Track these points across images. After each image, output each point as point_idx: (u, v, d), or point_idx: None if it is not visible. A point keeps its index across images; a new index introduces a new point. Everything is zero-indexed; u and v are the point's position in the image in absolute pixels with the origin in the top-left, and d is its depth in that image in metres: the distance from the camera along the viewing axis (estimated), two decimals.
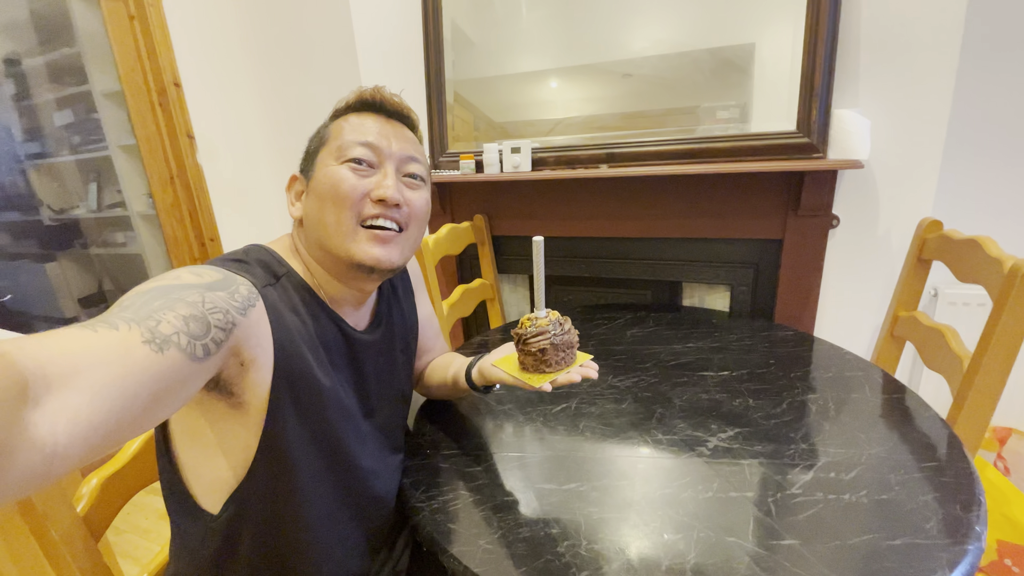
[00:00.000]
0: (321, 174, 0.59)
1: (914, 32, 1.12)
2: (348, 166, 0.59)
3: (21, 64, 1.85)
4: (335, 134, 0.61)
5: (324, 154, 0.60)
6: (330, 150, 0.60)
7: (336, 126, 0.62)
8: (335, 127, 0.62)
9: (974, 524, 0.54)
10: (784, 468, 0.66)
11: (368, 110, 0.63)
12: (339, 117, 0.63)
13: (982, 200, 1.38)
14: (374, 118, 0.62)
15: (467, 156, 1.51)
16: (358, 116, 0.62)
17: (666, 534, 0.56)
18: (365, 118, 0.62)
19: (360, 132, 0.60)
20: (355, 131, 0.60)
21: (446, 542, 0.57)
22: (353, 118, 0.62)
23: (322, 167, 0.60)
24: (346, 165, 0.59)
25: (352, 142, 0.59)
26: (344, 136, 0.60)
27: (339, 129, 0.61)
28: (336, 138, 0.60)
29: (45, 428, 0.28)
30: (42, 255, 2.00)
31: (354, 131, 0.60)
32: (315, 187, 0.60)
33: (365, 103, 0.63)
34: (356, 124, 0.61)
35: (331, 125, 0.62)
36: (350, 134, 0.60)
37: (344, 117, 0.63)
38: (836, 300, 1.33)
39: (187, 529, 0.57)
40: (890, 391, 0.84)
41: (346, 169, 0.58)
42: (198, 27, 1.75)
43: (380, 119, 0.63)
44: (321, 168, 0.60)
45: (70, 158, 2.00)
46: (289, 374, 0.53)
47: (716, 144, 1.29)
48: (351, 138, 0.60)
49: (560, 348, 0.62)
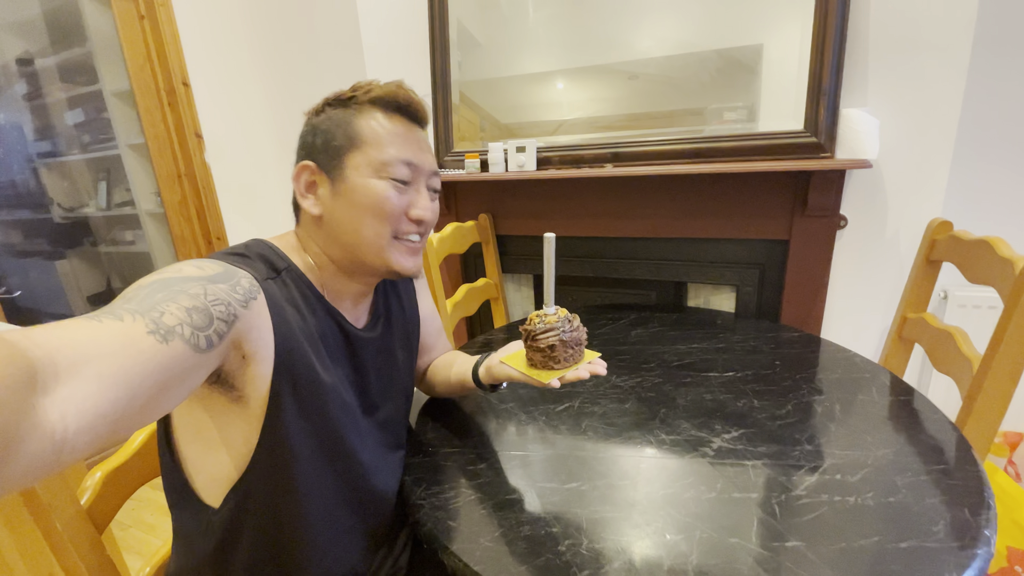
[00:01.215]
0: (359, 183, 0.58)
1: (923, 31, 1.11)
2: (391, 183, 0.59)
3: (33, 64, 1.87)
4: (370, 139, 0.58)
5: (359, 160, 0.58)
6: (368, 159, 0.58)
7: (367, 127, 0.59)
8: (366, 128, 0.59)
9: (983, 528, 0.53)
10: (789, 470, 0.65)
11: (398, 113, 0.61)
12: (362, 110, 0.60)
13: (993, 200, 1.36)
14: (404, 124, 0.61)
15: (472, 155, 1.51)
16: (389, 120, 0.60)
17: (668, 534, 0.56)
18: (397, 124, 0.60)
19: (400, 147, 0.59)
20: (395, 144, 0.59)
21: (447, 539, 0.57)
22: (385, 121, 0.60)
23: (358, 175, 0.58)
24: (389, 182, 0.58)
25: (396, 159, 0.59)
26: (385, 149, 0.58)
27: (374, 134, 0.59)
28: (374, 146, 0.58)
29: (54, 416, 0.29)
30: (52, 252, 2.02)
31: (394, 144, 0.59)
32: (350, 195, 0.58)
33: (399, 107, 0.61)
34: (392, 133, 0.59)
35: (358, 121, 0.59)
36: (391, 147, 0.59)
37: (371, 114, 0.60)
38: (843, 301, 1.32)
39: (188, 523, 0.57)
40: (898, 393, 0.83)
41: (389, 186, 0.58)
42: (207, 28, 1.76)
43: (410, 126, 0.62)
44: (356, 176, 0.58)
45: (80, 157, 2.02)
46: (290, 368, 0.53)
47: (722, 143, 1.28)
48: (394, 154, 0.58)
49: (569, 345, 0.62)
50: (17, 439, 0.27)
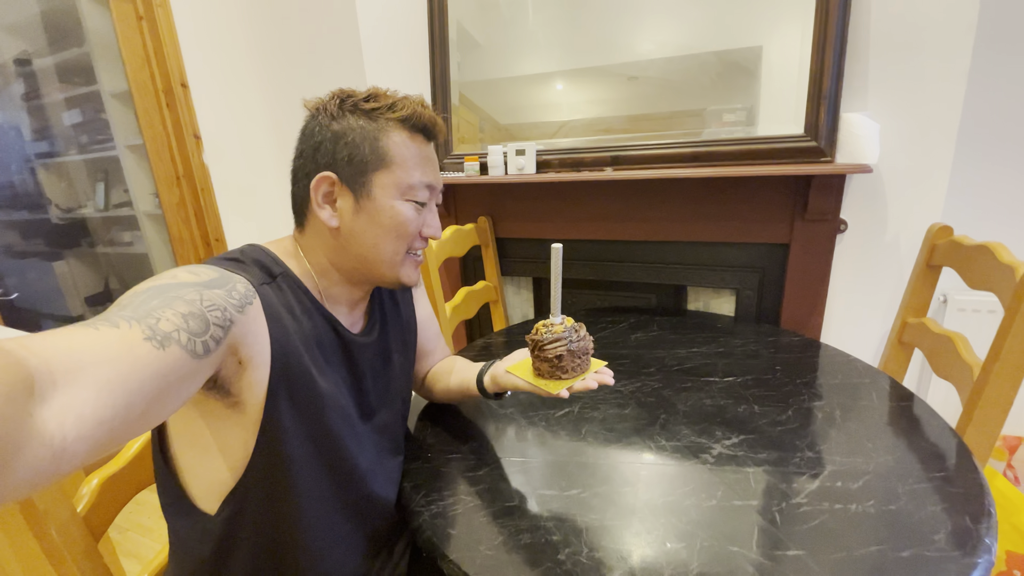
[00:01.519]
0: (385, 204, 0.59)
1: (924, 35, 1.11)
2: (413, 206, 0.61)
3: (31, 64, 1.87)
4: (398, 160, 0.59)
5: (386, 180, 0.59)
6: (395, 180, 0.59)
7: (396, 148, 0.59)
8: (395, 149, 0.59)
9: (984, 536, 0.53)
10: (789, 476, 0.65)
11: (421, 134, 0.62)
12: (388, 127, 0.59)
13: (993, 205, 1.36)
14: (425, 146, 0.63)
15: (472, 158, 1.51)
16: (413, 140, 0.60)
17: (669, 542, 0.55)
18: (420, 145, 0.61)
19: (424, 170, 0.62)
20: (419, 167, 0.61)
21: (446, 547, 0.56)
22: (410, 143, 0.60)
23: (384, 195, 0.59)
24: (411, 204, 0.61)
25: (421, 183, 0.61)
26: (411, 171, 0.60)
27: (402, 156, 0.59)
28: (402, 168, 0.59)
29: (53, 424, 0.28)
30: (50, 253, 2.01)
31: (419, 167, 0.61)
32: (374, 213, 0.59)
33: (425, 128, 0.61)
34: (416, 156, 0.61)
35: (388, 143, 0.58)
36: (416, 171, 0.60)
37: (398, 132, 0.59)
38: (843, 306, 1.32)
39: (184, 530, 0.56)
40: (898, 399, 0.83)
41: (412, 209, 0.61)
42: (205, 28, 1.76)
43: (428, 146, 0.63)
44: (383, 195, 0.59)
45: (78, 157, 2.01)
46: (286, 373, 0.52)
47: (722, 147, 1.28)
48: (419, 178, 0.61)
49: (576, 354, 0.63)
50: (16, 448, 0.26)
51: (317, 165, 0.59)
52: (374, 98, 0.59)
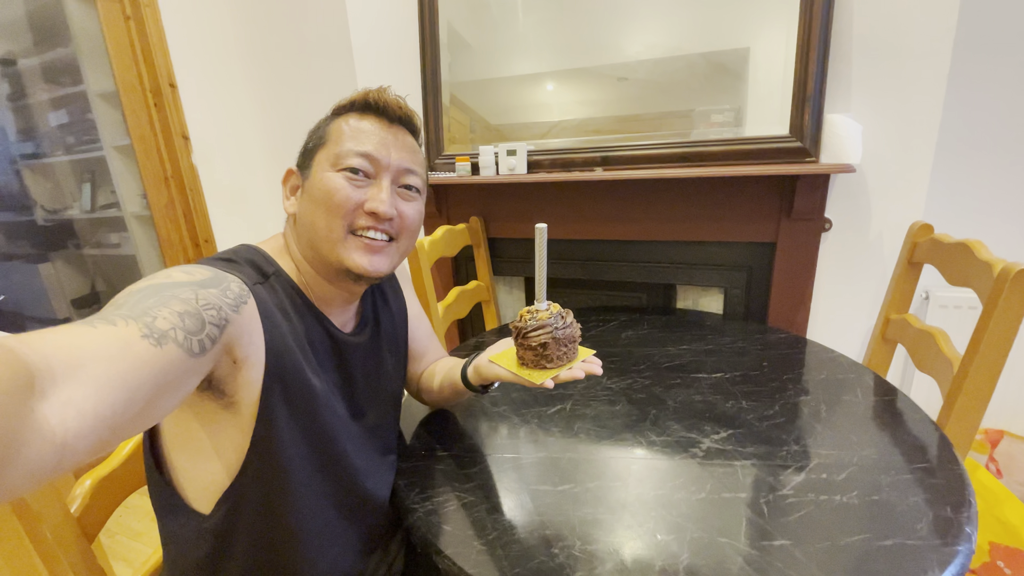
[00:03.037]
0: (317, 178, 0.59)
1: (906, 38, 1.14)
2: (344, 175, 0.58)
3: (16, 64, 1.84)
4: (335, 137, 0.59)
5: (321, 156, 0.59)
6: (328, 154, 0.59)
7: (336, 127, 0.60)
8: (335, 128, 0.60)
9: (964, 525, 0.55)
10: (776, 469, 0.66)
11: (371, 112, 0.61)
12: (340, 115, 0.62)
13: (973, 204, 1.40)
14: (375, 123, 0.61)
15: (463, 158, 1.52)
16: (359, 119, 0.61)
17: (659, 535, 0.57)
18: (366, 122, 0.61)
19: (359, 140, 0.59)
20: (354, 138, 0.59)
21: (440, 543, 0.57)
22: (354, 120, 0.60)
23: (319, 170, 0.59)
24: (342, 174, 0.58)
25: (350, 151, 0.58)
26: (343, 143, 0.59)
27: (339, 132, 0.60)
28: (336, 142, 0.59)
29: (54, 420, 0.29)
30: (35, 255, 1.98)
31: (354, 138, 0.59)
32: (310, 189, 0.59)
33: (368, 105, 0.61)
34: (356, 129, 0.60)
35: (331, 124, 0.61)
36: (349, 141, 0.59)
37: (345, 117, 0.61)
38: (828, 303, 1.35)
39: (178, 531, 0.56)
40: (881, 393, 0.85)
41: (341, 178, 0.58)
42: (194, 28, 1.74)
43: (381, 124, 0.61)
44: (317, 171, 0.59)
45: (64, 158, 1.98)
46: (280, 372, 0.53)
47: (710, 148, 1.30)
48: (350, 146, 0.58)
49: (562, 343, 0.60)
50: (17, 443, 0.27)
51: None
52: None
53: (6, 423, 0.26)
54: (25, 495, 0.47)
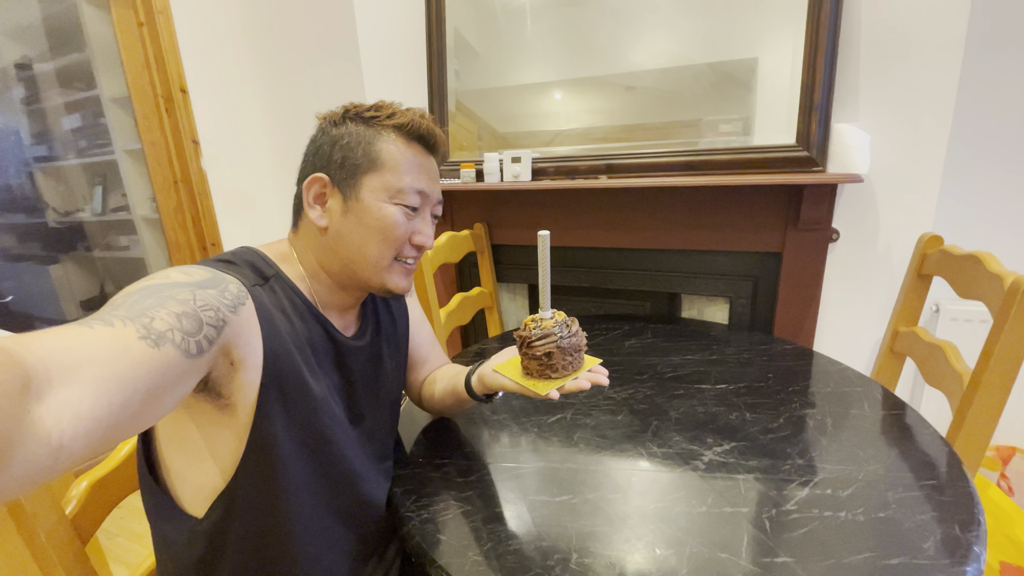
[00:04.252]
0: (372, 205, 0.59)
1: (914, 48, 1.13)
2: (402, 210, 0.60)
3: (32, 68, 1.88)
4: (389, 163, 0.59)
5: (375, 181, 0.59)
6: (384, 182, 0.59)
7: (389, 153, 0.60)
8: (388, 154, 0.59)
9: (973, 544, 0.53)
10: (780, 484, 0.65)
11: (418, 143, 0.62)
12: (384, 132, 0.60)
13: (983, 215, 1.38)
14: (422, 153, 0.62)
15: (468, 165, 1.52)
16: (409, 147, 0.61)
17: (658, 549, 0.55)
18: (416, 152, 0.61)
19: (416, 176, 0.61)
20: (411, 172, 0.60)
21: (435, 553, 0.56)
22: (404, 148, 0.60)
23: (372, 197, 0.59)
24: (400, 208, 0.60)
25: (411, 188, 0.60)
26: (402, 175, 0.60)
27: (393, 160, 0.59)
28: (391, 170, 0.59)
29: (50, 421, 0.28)
30: (46, 257, 2.00)
31: (410, 172, 0.60)
32: (361, 214, 0.59)
33: (421, 137, 0.62)
34: (410, 161, 0.61)
35: (381, 146, 0.59)
36: (407, 175, 0.60)
37: (393, 139, 0.60)
38: (836, 314, 1.33)
39: (170, 534, 0.56)
40: (889, 407, 0.84)
41: (400, 213, 0.60)
42: (205, 35, 1.77)
43: (426, 155, 0.63)
44: (371, 197, 0.59)
45: (76, 161, 2.01)
46: (278, 375, 0.52)
47: (715, 156, 1.30)
48: (409, 182, 0.60)
49: (567, 352, 0.58)
50: (13, 445, 0.26)
51: (313, 167, 0.61)
52: (376, 108, 0.61)
53: (2, 424, 0.26)
54: (19, 496, 0.47)
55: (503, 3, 1.52)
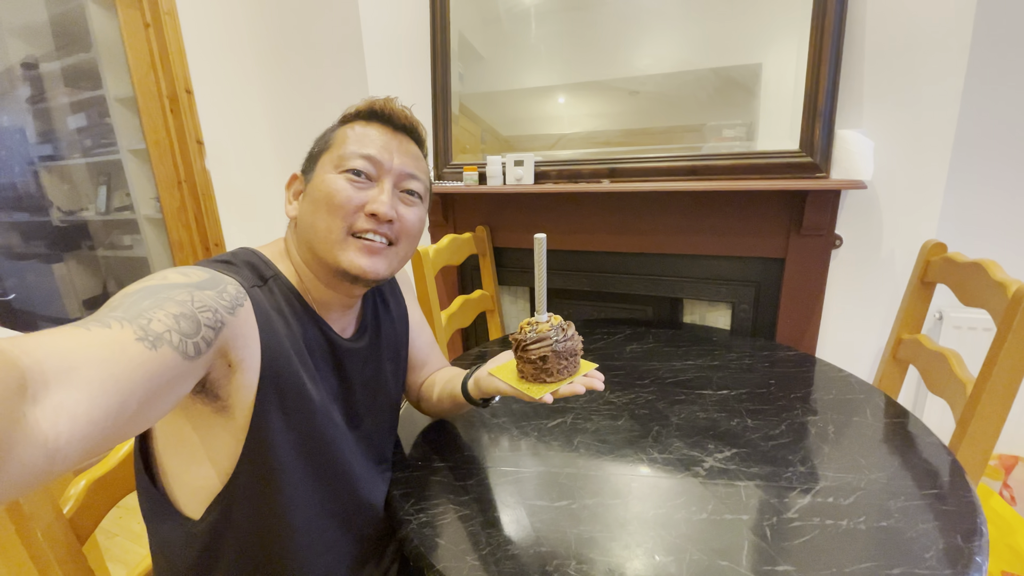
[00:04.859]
0: (319, 180, 0.59)
1: (919, 54, 1.13)
2: (346, 176, 0.59)
3: (38, 67, 1.89)
4: (339, 141, 0.61)
5: (325, 159, 0.60)
6: (331, 157, 0.60)
7: (341, 133, 0.62)
8: (340, 133, 0.62)
9: (975, 555, 0.53)
10: (781, 491, 0.65)
11: (376, 120, 0.63)
12: (347, 123, 0.63)
13: (987, 223, 1.37)
14: (380, 129, 0.62)
15: (471, 168, 1.52)
16: (364, 125, 0.62)
17: (658, 555, 0.55)
18: (371, 128, 0.62)
19: (363, 143, 0.60)
20: (358, 141, 0.60)
21: (433, 557, 0.56)
22: (359, 127, 0.62)
23: (321, 172, 0.60)
24: (344, 175, 0.59)
25: (353, 153, 0.59)
26: (347, 145, 0.60)
27: (343, 137, 0.61)
28: (339, 145, 0.60)
29: (46, 424, 0.28)
30: (49, 255, 2.01)
31: (357, 141, 0.60)
32: (311, 191, 0.60)
33: (374, 113, 0.63)
34: (361, 134, 0.61)
35: (337, 131, 0.62)
36: (353, 144, 0.60)
37: (351, 124, 0.62)
38: (838, 321, 1.32)
39: (167, 535, 0.56)
40: (892, 415, 0.83)
41: (343, 179, 0.58)
42: (211, 36, 1.78)
43: (387, 131, 0.62)
44: (320, 173, 0.60)
45: (81, 161, 2.02)
46: (276, 376, 0.52)
47: (718, 161, 1.29)
48: (353, 148, 0.59)
49: (562, 356, 0.58)
50: (8, 448, 0.26)
51: None
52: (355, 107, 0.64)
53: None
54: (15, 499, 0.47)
55: (507, 6, 1.52)
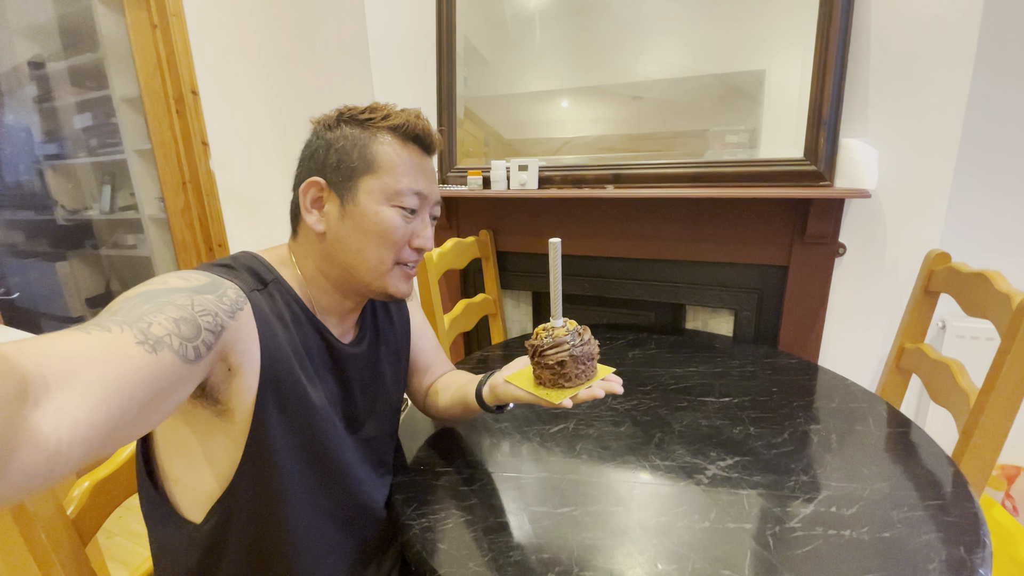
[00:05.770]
0: (369, 209, 0.59)
1: (924, 64, 1.13)
2: (399, 212, 0.60)
3: (45, 67, 1.90)
4: (385, 165, 0.59)
5: (372, 184, 0.59)
6: (381, 185, 0.59)
7: (385, 155, 0.59)
8: (384, 155, 0.59)
9: (978, 567, 0.53)
10: (784, 500, 0.64)
11: (413, 143, 0.62)
12: (379, 134, 0.60)
13: (991, 232, 1.37)
14: (418, 154, 0.62)
15: (475, 172, 1.53)
16: (403, 147, 0.61)
17: (659, 564, 0.55)
18: (412, 154, 0.61)
19: (414, 177, 0.61)
20: (408, 174, 0.60)
21: (434, 562, 0.56)
22: (400, 150, 0.60)
23: (369, 200, 0.59)
24: (397, 211, 0.60)
25: (408, 189, 0.60)
26: (399, 177, 0.59)
27: (389, 161, 0.59)
28: (388, 173, 0.59)
29: (47, 428, 0.28)
30: (53, 254, 2.02)
31: (407, 174, 0.60)
32: (358, 218, 0.59)
33: (417, 137, 0.62)
34: (407, 163, 0.60)
35: (376, 148, 0.59)
36: (404, 177, 0.60)
37: (389, 141, 0.60)
38: (841, 329, 1.32)
39: (168, 539, 0.56)
40: (895, 425, 0.83)
41: (398, 215, 0.60)
42: (218, 38, 1.79)
43: (424, 157, 0.63)
44: (368, 200, 0.59)
45: (86, 160, 2.03)
46: (275, 381, 0.52)
47: (722, 169, 1.29)
48: (407, 184, 0.60)
49: (580, 360, 0.58)
50: (9, 452, 0.26)
51: (309, 172, 0.61)
52: (371, 110, 0.61)
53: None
54: (16, 503, 0.47)
55: (513, 11, 1.53)
